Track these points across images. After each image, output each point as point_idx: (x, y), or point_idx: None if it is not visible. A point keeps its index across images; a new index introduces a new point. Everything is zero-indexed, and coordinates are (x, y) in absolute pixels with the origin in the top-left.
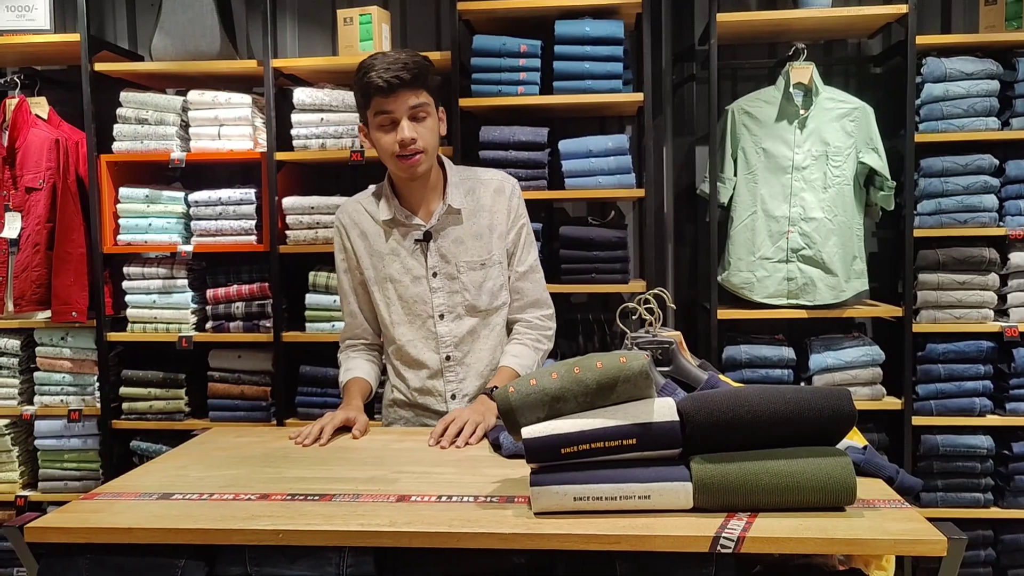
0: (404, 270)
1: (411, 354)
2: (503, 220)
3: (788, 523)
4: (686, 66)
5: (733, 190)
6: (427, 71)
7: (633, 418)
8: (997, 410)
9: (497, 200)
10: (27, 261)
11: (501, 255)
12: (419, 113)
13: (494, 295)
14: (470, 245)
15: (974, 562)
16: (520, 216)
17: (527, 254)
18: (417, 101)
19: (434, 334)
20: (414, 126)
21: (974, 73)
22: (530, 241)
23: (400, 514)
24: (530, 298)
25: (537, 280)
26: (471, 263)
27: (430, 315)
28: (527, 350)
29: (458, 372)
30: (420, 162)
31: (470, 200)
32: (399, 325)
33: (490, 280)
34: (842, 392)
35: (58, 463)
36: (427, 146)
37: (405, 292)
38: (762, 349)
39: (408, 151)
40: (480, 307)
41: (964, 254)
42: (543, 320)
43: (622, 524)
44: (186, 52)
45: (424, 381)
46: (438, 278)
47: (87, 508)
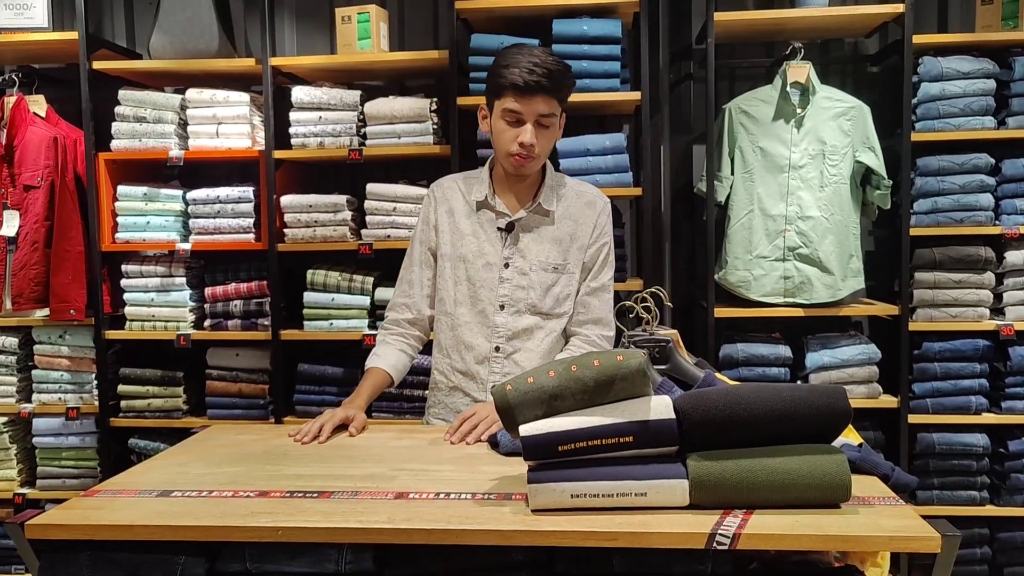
0: (479, 253)
1: (464, 336)
2: (587, 233)
3: (784, 520)
4: (683, 65)
5: (730, 189)
6: (566, 84)
7: (630, 416)
8: (993, 408)
9: (586, 212)
10: (25, 259)
11: (576, 266)
12: (545, 121)
13: (559, 301)
14: (548, 247)
15: (970, 560)
16: (605, 234)
17: (604, 273)
18: (548, 110)
19: (491, 322)
20: (537, 132)
21: (970, 72)
22: (610, 261)
23: (399, 511)
24: (595, 315)
25: (606, 300)
26: (544, 264)
27: (491, 302)
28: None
29: (504, 365)
30: (531, 165)
31: (560, 206)
32: (460, 305)
33: (558, 286)
34: (837, 390)
35: (56, 461)
36: (542, 153)
37: (475, 275)
38: (759, 347)
39: (525, 153)
40: (542, 308)
41: (960, 253)
42: (601, 340)
43: (619, 521)
44: (184, 50)
45: (470, 365)
46: (509, 269)
47: (88, 505)
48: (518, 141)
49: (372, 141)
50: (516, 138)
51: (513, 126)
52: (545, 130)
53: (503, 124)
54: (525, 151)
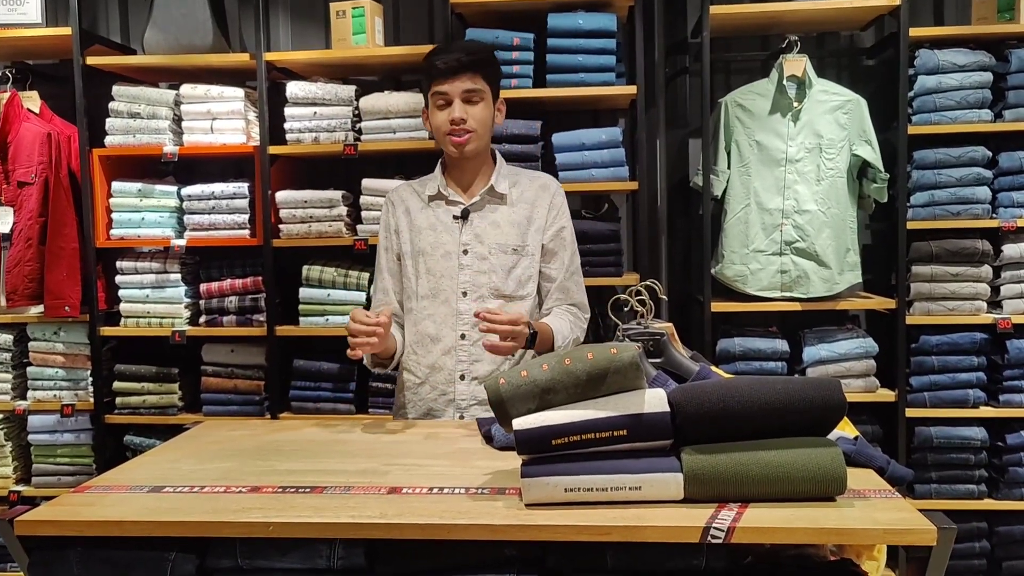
0: (437, 243)
1: (428, 328)
2: (543, 215)
3: (779, 513)
4: (679, 59)
5: (726, 183)
6: (487, 61)
7: (624, 409)
8: (991, 402)
9: (541, 195)
10: (19, 256)
11: (535, 248)
12: (473, 97)
13: (521, 283)
14: (506, 230)
15: (968, 554)
16: (562, 216)
17: (573, 256)
18: (472, 86)
19: (455, 310)
20: (466, 108)
21: (967, 65)
22: (574, 244)
23: (391, 506)
24: (575, 299)
25: (581, 284)
26: (504, 246)
27: (453, 291)
28: (566, 324)
29: (471, 353)
30: (469, 141)
31: (514, 190)
32: (423, 298)
33: (520, 268)
34: (832, 382)
35: (51, 458)
36: (477, 127)
37: (434, 265)
38: (756, 342)
39: (458, 130)
40: (505, 292)
41: (957, 246)
42: (581, 317)
43: (613, 515)
44: (178, 46)
45: (436, 357)
46: (468, 256)
47: (78, 501)
48: (449, 119)
49: (367, 136)
50: (447, 118)
51: (443, 109)
52: (474, 106)
53: (435, 110)
54: (458, 127)
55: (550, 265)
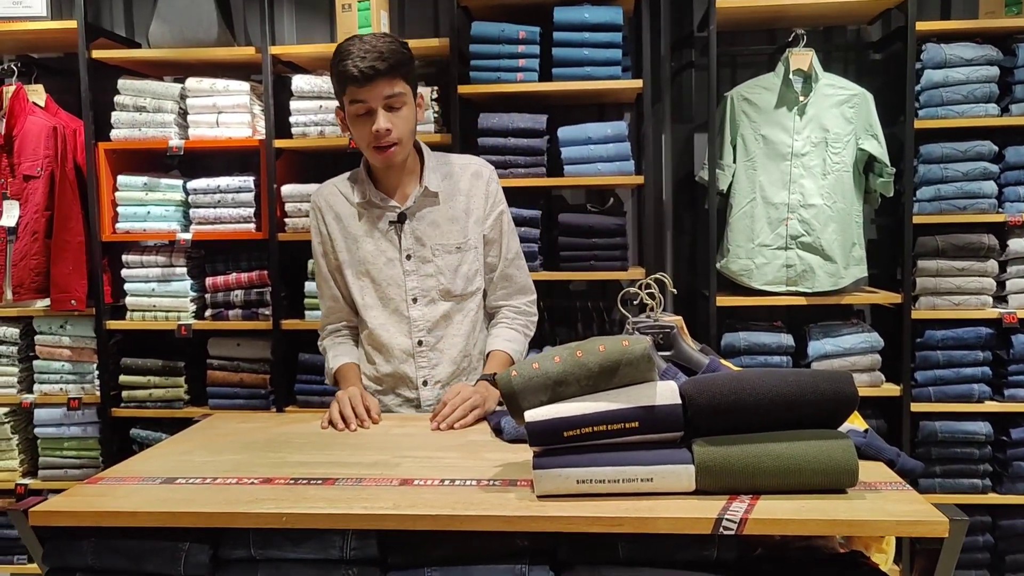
0: (378, 252)
1: (382, 338)
2: (480, 205)
3: (790, 505)
4: (685, 53)
5: (732, 177)
6: (404, 60)
7: (635, 401)
8: (996, 396)
9: (475, 184)
10: (25, 249)
11: (477, 240)
12: (394, 103)
13: (469, 280)
14: (446, 228)
15: (972, 547)
16: (499, 202)
17: (512, 241)
18: (392, 91)
19: (407, 318)
20: (389, 116)
21: (974, 59)
22: (512, 228)
23: (403, 497)
24: (519, 284)
25: (522, 267)
26: (446, 246)
27: (403, 299)
28: (518, 335)
29: (430, 358)
30: (395, 153)
31: (447, 184)
32: (371, 308)
33: (465, 264)
34: (844, 375)
35: (58, 451)
36: (402, 136)
37: (379, 275)
38: (761, 336)
39: (383, 143)
40: (455, 292)
41: (963, 241)
42: (529, 306)
43: (625, 507)
44: (184, 39)
45: (396, 366)
46: (412, 261)
47: (91, 492)
48: (372, 131)
49: None
50: (371, 129)
51: (365, 119)
52: (397, 112)
53: (356, 121)
54: (384, 140)
55: (490, 254)
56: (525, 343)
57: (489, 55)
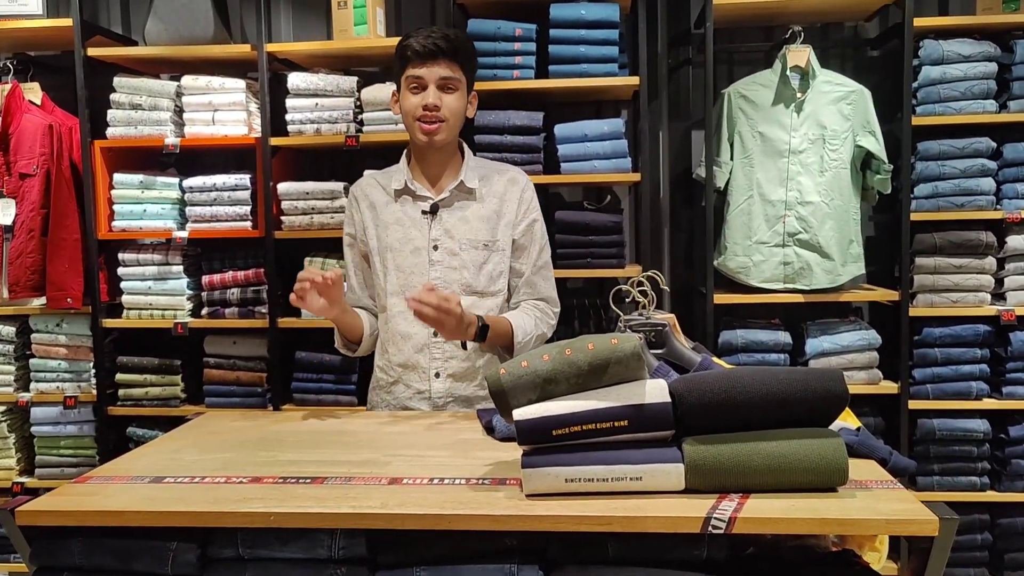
0: (405, 240)
1: (400, 327)
2: (513, 209)
3: (780, 504)
4: (682, 50)
5: (729, 174)
6: (465, 50)
7: (625, 400)
8: (994, 394)
9: (510, 189)
10: (22, 247)
11: (506, 243)
12: (448, 84)
13: (493, 279)
14: (476, 225)
15: (970, 546)
16: (532, 210)
17: (543, 251)
18: (449, 73)
19: None
20: (440, 95)
21: (972, 55)
22: (545, 239)
23: (392, 496)
24: (542, 293)
25: (549, 278)
26: (474, 242)
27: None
28: (529, 319)
29: (445, 350)
30: (440, 130)
31: (483, 184)
32: (392, 295)
33: (491, 264)
34: (834, 373)
35: (55, 449)
36: (450, 117)
37: (403, 262)
38: (758, 334)
39: (430, 116)
40: (477, 288)
41: (961, 238)
42: (548, 310)
43: (614, 505)
44: (180, 37)
45: (409, 355)
46: (439, 252)
47: (79, 491)
48: (422, 104)
49: (369, 127)
50: (421, 103)
51: (417, 93)
52: (450, 95)
53: (408, 94)
54: (430, 114)
55: (518, 260)
56: (534, 331)
57: (486, 52)
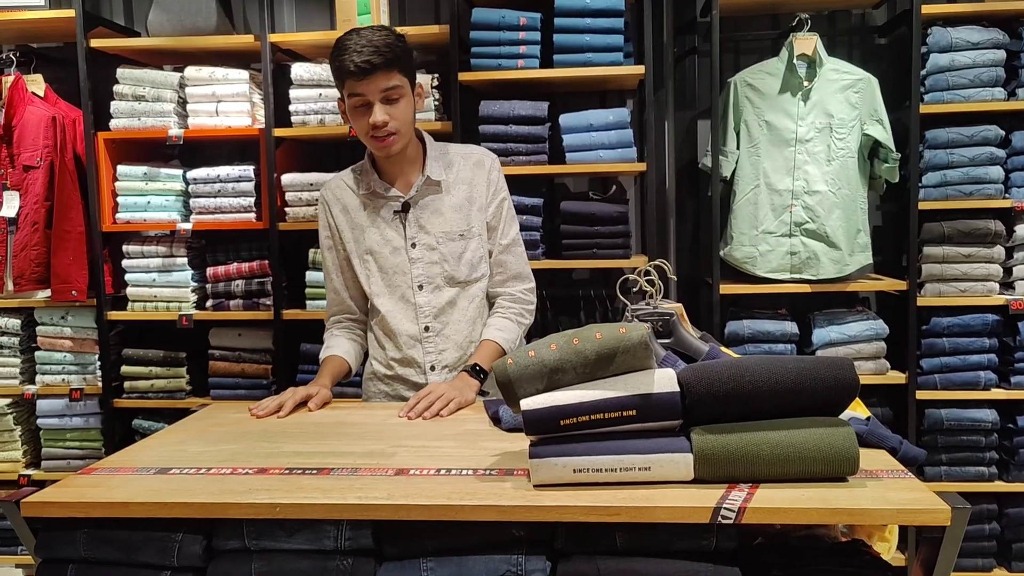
0: (383, 241)
1: (391, 325)
2: (483, 193)
3: (790, 493)
4: (688, 39)
5: (735, 164)
6: (400, 54)
7: (633, 389)
8: (1002, 384)
9: (477, 173)
10: (26, 240)
11: (481, 228)
12: (391, 95)
13: (473, 266)
14: (449, 216)
15: (978, 536)
16: (500, 189)
17: (509, 227)
18: (389, 84)
19: (413, 304)
20: (386, 108)
21: (980, 43)
22: (512, 215)
23: (398, 487)
24: (513, 271)
25: (519, 254)
26: (450, 234)
27: (409, 285)
28: (511, 324)
29: (437, 343)
30: (393, 143)
31: (450, 173)
32: (379, 296)
33: (469, 251)
34: (844, 361)
35: (60, 442)
36: (400, 127)
37: (385, 263)
38: (765, 324)
39: (381, 133)
40: (459, 278)
41: (969, 227)
42: (526, 294)
43: (622, 495)
44: (183, 28)
45: (404, 351)
46: (417, 248)
47: (84, 483)
48: (370, 123)
49: None
50: (369, 122)
51: (364, 112)
52: (395, 104)
53: (355, 113)
54: (381, 131)
55: (488, 240)
56: (519, 331)
57: (490, 42)
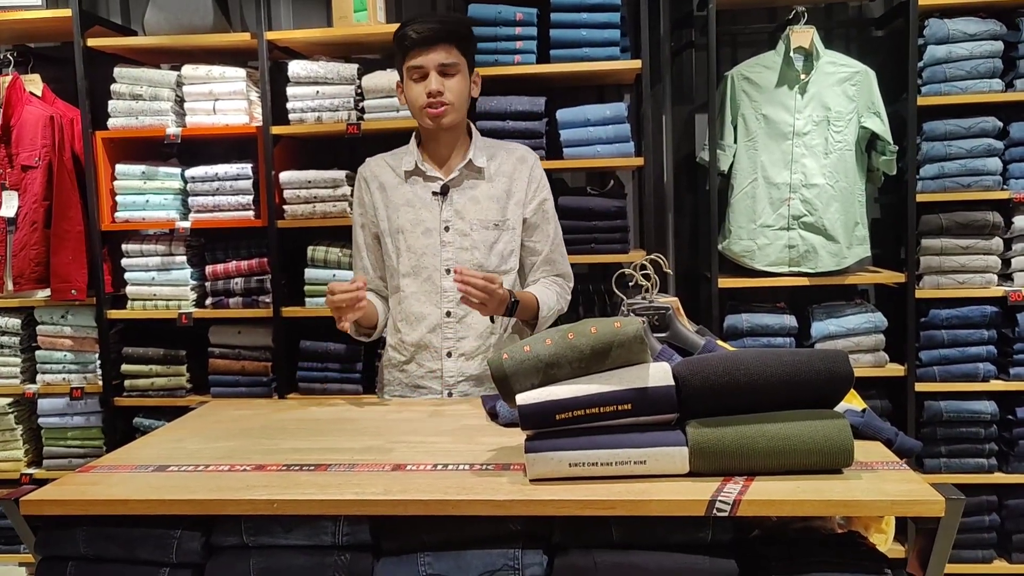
0: (417, 221)
1: (413, 307)
2: (522, 188)
3: (785, 486)
4: (684, 32)
5: (733, 157)
6: (462, 31)
7: (628, 383)
8: (1001, 375)
9: (519, 168)
10: (25, 239)
11: (516, 222)
12: (449, 70)
13: (504, 258)
14: (486, 205)
15: (978, 527)
16: (542, 188)
17: (558, 229)
18: (448, 59)
19: (439, 288)
20: (442, 80)
21: (977, 34)
22: (554, 214)
23: (395, 483)
24: (561, 270)
25: (565, 255)
26: (485, 222)
27: (437, 268)
28: (552, 295)
29: (457, 330)
30: (446, 113)
31: (492, 163)
32: (405, 276)
33: (501, 243)
34: (839, 354)
35: (62, 441)
36: (454, 100)
37: (415, 243)
38: (764, 317)
39: (434, 102)
40: (488, 267)
41: (967, 218)
42: (566, 286)
43: (618, 489)
44: (179, 26)
45: (422, 335)
46: (450, 232)
47: (83, 481)
48: (425, 92)
49: (370, 115)
50: (424, 91)
51: (419, 82)
52: (451, 79)
53: (411, 83)
54: (435, 100)
55: (534, 239)
56: (556, 305)
57: (486, 37)
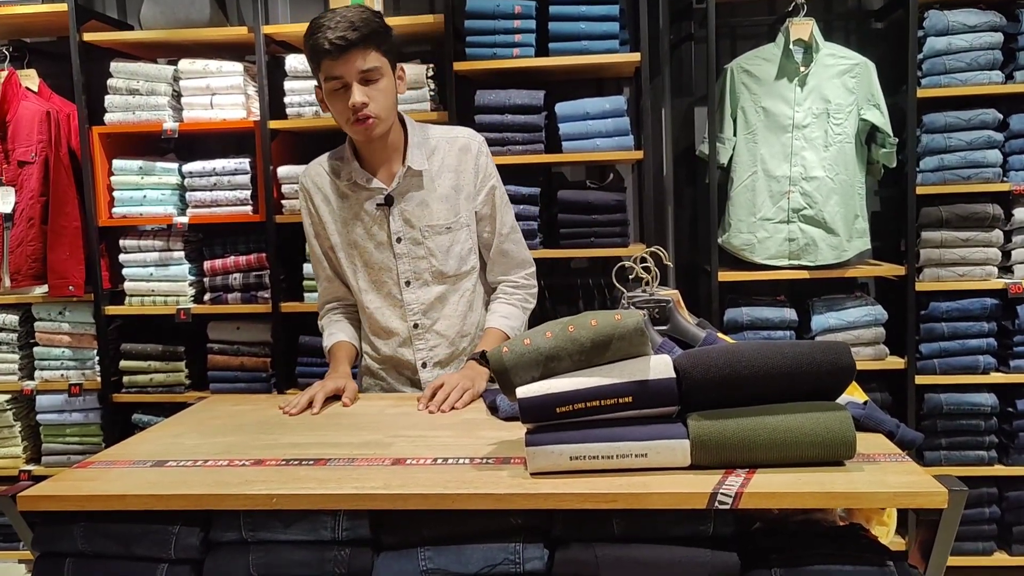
0: (368, 236)
1: (379, 322)
2: (470, 180)
3: (787, 478)
4: (684, 25)
5: (733, 150)
6: (377, 30)
7: (629, 376)
8: (1001, 368)
9: (463, 159)
10: (22, 235)
11: (469, 217)
12: (370, 76)
13: (462, 259)
14: (435, 208)
15: (978, 520)
16: (490, 176)
17: (506, 215)
18: (367, 64)
19: (400, 301)
20: (365, 90)
21: (977, 26)
22: (505, 201)
23: (395, 477)
24: (516, 260)
25: (518, 240)
26: (436, 227)
27: (395, 282)
28: (516, 311)
29: (428, 340)
30: (374, 126)
31: (434, 161)
32: (366, 292)
33: (458, 244)
34: (840, 346)
35: (60, 437)
36: (381, 110)
37: (370, 258)
38: (764, 311)
39: (360, 116)
40: (448, 272)
41: (967, 211)
42: (528, 279)
43: (619, 482)
44: (176, 20)
45: (394, 349)
46: (402, 244)
47: (81, 476)
48: (349, 105)
49: None
50: (348, 105)
51: (341, 95)
52: (374, 85)
53: (332, 95)
54: (360, 114)
55: (484, 229)
56: (523, 317)
57: (485, 31)
